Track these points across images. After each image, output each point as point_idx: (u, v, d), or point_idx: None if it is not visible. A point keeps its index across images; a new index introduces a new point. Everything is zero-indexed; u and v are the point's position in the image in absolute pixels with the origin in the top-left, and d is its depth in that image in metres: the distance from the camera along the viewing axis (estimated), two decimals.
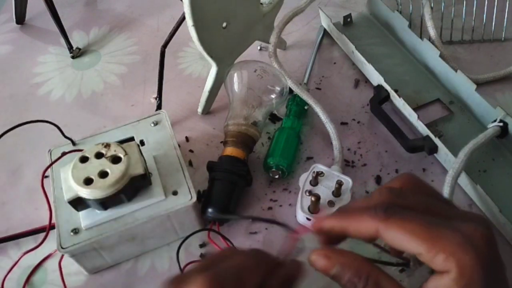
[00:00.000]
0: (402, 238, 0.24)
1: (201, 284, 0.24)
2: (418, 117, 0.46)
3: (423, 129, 0.45)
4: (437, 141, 0.44)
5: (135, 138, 0.44)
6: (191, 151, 0.49)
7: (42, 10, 0.65)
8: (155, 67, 0.51)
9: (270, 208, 0.44)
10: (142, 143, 0.43)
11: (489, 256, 0.23)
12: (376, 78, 0.50)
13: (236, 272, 0.25)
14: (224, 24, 0.46)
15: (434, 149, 0.44)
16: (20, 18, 0.66)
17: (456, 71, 0.48)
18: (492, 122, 0.44)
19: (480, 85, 0.49)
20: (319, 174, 0.43)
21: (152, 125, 0.45)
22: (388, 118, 0.47)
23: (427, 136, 0.45)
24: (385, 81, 0.49)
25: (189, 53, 0.60)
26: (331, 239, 0.28)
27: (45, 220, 0.38)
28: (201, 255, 0.42)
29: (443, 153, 0.44)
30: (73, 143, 0.44)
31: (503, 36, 0.57)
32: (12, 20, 0.66)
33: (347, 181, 0.42)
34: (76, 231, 0.37)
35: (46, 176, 0.39)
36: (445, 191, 0.40)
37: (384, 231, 0.24)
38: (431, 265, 0.24)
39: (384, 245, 0.36)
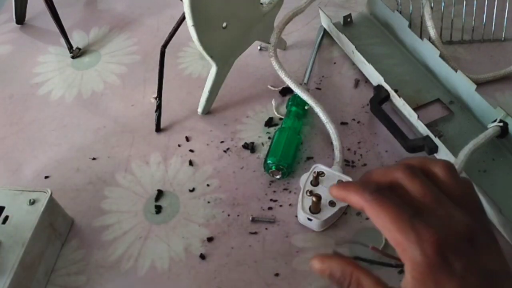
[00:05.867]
0: (376, 222, 0.27)
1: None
2: (418, 117, 0.45)
3: (423, 129, 0.45)
4: (437, 141, 0.44)
5: (4, 210, 0.40)
6: (191, 151, 0.49)
7: (42, 10, 0.65)
8: (155, 67, 0.51)
9: (270, 208, 0.44)
10: (5, 219, 0.40)
11: (435, 261, 0.25)
12: (376, 78, 0.50)
13: None
14: (224, 24, 0.46)
15: (434, 149, 0.44)
16: (20, 18, 0.66)
17: (456, 71, 0.48)
18: (492, 122, 0.44)
19: (480, 84, 0.49)
20: (320, 174, 0.43)
21: (28, 203, 0.40)
22: (388, 118, 0.47)
23: (427, 136, 0.45)
24: (385, 81, 0.49)
25: (189, 53, 0.60)
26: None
27: None
28: (201, 255, 0.42)
29: (443, 153, 0.44)
30: None
31: (503, 36, 0.57)
32: (12, 20, 0.66)
33: (348, 181, 0.42)
34: None
35: None
36: None
37: (365, 210, 0.28)
38: (397, 251, 0.27)
39: (383, 247, 0.40)
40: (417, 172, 0.29)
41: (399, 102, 0.48)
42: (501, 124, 0.43)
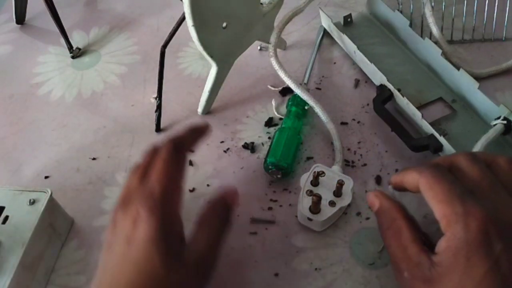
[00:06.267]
0: (427, 194, 0.28)
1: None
2: (423, 116, 0.45)
3: (428, 128, 0.45)
4: (442, 139, 0.44)
5: (4, 210, 0.40)
6: (191, 151, 0.49)
7: (42, 10, 0.65)
8: (155, 67, 0.51)
9: (270, 208, 0.44)
10: (5, 220, 0.39)
11: (475, 238, 0.26)
12: (379, 78, 0.50)
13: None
14: (224, 24, 0.46)
15: (439, 148, 0.44)
16: (20, 18, 0.66)
17: (458, 69, 0.48)
18: (495, 119, 0.44)
19: (481, 84, 0.49)
20: (320, 174, 0.42)
21: (28, 203, 0.40)
22: (393, 117, 0.47)
23: (432, 135, 0.45)
24: (387, 80, 0.49)
25: (189, 53, 0.60)
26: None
27: None
28: None
29: (448, 152, 0.44)
30: None
31: (504, 35, 0.56)
32: (12, 20, 0.66)
33: (348, 181, 0.42)
34: None
35: None
36: None
37: (420, 184, 0.29)
38: (440, 224, 0.27)
39: (382, 249, 0.40)
40: (478, 159, 0.30)
41: (402, 101, 0.48)
42: (505, 122, 0.43)
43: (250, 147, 0.49)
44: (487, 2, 0.56)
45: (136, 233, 0.31)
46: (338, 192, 0.41)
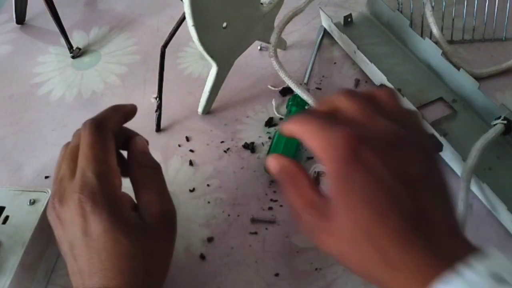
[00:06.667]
0: (304, 138, 0.28)
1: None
2: (423, 116, 0.45)
3: (428, 128, 0.45)
4: (442, 140, 0.44)
5: (4, 210, 0.40)
6: (191, 151, 0.49)
7: (42, 10, 0.65)
8: (155, 67, 0.51)
9: (270, 208, 0.44)
10: (5, 219, 0.39)
11: (345, 154, 0.26)
12: (379, 78, 0.50)
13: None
14: (225, 24, 0.46)
15: (439, 148, 0.44)
16: (20, 18, 0.66)
17: (458, 69, 0.48)
18: (495, 119, 0.44)
19: (481, 83, 0.49)
20: (320, 174, 0.43)
21: (28, 203, 0.40)
22: None
23: (432, 135, 0.45)
24: (387, 80, 0.49)
25: (189, 53, 0.60)
26: None
27: None
28: (201, 255, 0.42)
29: (449, 152, 0.44)
30: None
31: (504, 35, 0.56)
32: (12, 20, 0.66)
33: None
34: None
35: None
36: (461, 186, 0.40)
37: (296, 133, 0.29)
38: (320, 161, 0.27)
39: None
40: (357, 94, 0.29)
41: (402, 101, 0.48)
42: (505, 122, 0.43)
43: (250, 147, 0.49)
44: (487, 2, 0.56)
45: (91, 227, 0.31)
46: None
